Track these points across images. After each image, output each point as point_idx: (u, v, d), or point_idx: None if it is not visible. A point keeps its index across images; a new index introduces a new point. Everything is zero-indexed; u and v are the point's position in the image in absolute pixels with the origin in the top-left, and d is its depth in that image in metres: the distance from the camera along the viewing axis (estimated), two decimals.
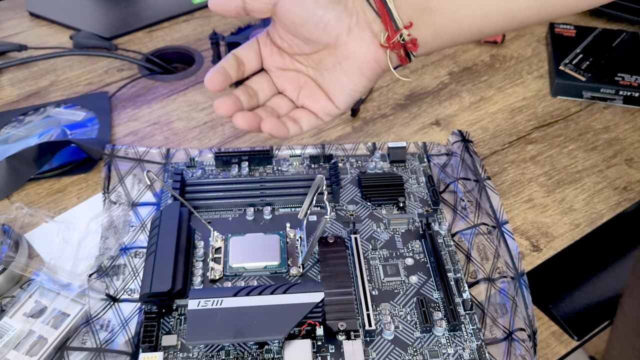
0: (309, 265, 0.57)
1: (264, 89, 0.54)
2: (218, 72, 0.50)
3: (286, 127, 0.52)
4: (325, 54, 0.51)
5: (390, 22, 0.49)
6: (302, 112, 0.54)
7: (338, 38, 0.50)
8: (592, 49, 0.81)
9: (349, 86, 0.52)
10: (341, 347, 0.50)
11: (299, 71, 0.53)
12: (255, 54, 0.53)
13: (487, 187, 0.63)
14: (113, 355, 0.50)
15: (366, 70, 0.51)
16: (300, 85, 0.53)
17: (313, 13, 0.48)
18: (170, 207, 0.58)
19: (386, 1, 0.48)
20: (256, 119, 0.51)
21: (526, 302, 0.53)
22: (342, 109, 0.53)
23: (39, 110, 0.74)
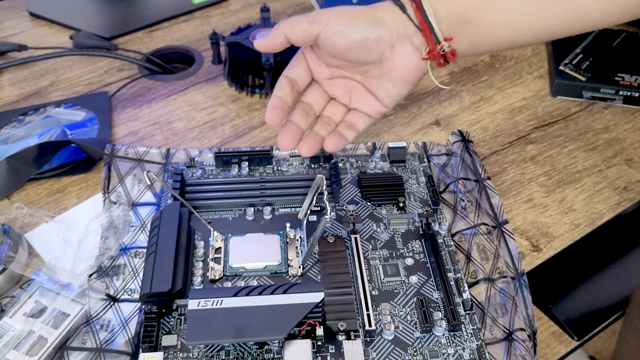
0: (309, 265, 0.57)
1: (318, 100, 0.56)
2: (276, 107, 0.52)
3: (344, 137, 0.55)
4: (371, 67, 0.53)
5: (431, 36, 0.50)
6: (356, 115, 0.56)
7: (382, 55, 0.52)
8: (592, 49, 0.81)
9: (394, 92, 0.54)
10: (341, 347, 0.50)
11: (346, 77, 0.55)
12: (305, 70, 0.55)
13: (487, 187, 0.63)
14: (113, 355, 0.50)
15: (410, 78, 0.53)
16: (349, 89, 0.55)
17: (355, 40, 0.50)
18: (170, 207, 0.58)
19: (427, 16, 0.49)
20: (317, 140, 0.54)
21: (526, 302, 0.53)
22: (390, 108, 0.56)
23: (39, 110, 0.74)
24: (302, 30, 0.50)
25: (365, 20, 0.50)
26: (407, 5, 0.50)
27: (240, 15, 0.91)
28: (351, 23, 0.49)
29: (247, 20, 0.88)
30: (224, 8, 0.93)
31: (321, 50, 0.52)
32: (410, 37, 0.51)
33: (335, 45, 0.50)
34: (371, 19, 0.50)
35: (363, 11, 0.50)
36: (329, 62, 0.54)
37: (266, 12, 0.80)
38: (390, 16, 0.50)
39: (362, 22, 0.49)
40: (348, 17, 0.49)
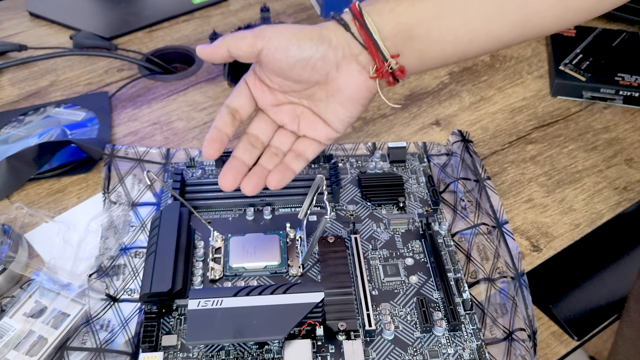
0: (309, 265, 0.57)
1: (264, 130, 0.53)
2: (214, 140, 0.49)
3: (291, 169, 0.52)
4: (317, 89, 0.51)
5: (377, 53, 0.49)
6: (305, 143, 0.53)
7: (327, 75, 0.50)
8: (592, 49, 0.81)
9: (344, 114, 0.52)
10: (341, 347, 0.50)
11: (293, 103, 0.53)
12: (247, 98, 0.52)
13: (487, 187, 0.63)
14: (113, 355, 0.50)
15: (359, 98, 0.51)
16: (297, 115, 0.53)
17: (299, 58, 0.48)
18: (170, 207, 0.58)
19: (371, 33, 0.48)
20: (262, 177, 0.51)
21: (526, 302, 0.53)
22: (341, 132, 0.54)
23: (39, 110, 0.74)
24: (246, 45, 0.48)
25: (310, 38, 0.48)
26: (351, 24, 0.49)
27: (240, 15, 0.91)
28: (295, 40, 0.48)
29: (247, 20, 0.88)
30: (224, 8, 0.93)
31: (264, 67, 0.50)
32: (356, 56, 0.49)
33: (278, 62, 0.48)
34: (316, 37, 0.48)
35: (308, 29, 0.49)
36: (273, 83, 0.51)
37: (266, 12, 0.80)
38: (335, 35, 0.49)
39: (306, 39, 0.48)
40: (292, 34, 0.48)
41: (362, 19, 0.48)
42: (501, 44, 0.50)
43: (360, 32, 0.49)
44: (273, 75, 0.51)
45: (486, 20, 0.48)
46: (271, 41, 0.48)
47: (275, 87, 0.52)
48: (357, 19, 0.48)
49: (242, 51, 0.49)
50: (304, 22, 0.90)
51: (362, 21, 0.48)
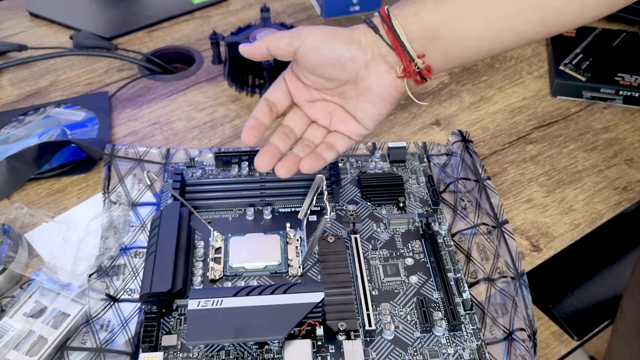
0: (309, 265, 0.57)
1: (298, 124, 0.57)
2: (252, 127, 0.53)
3: (322, 158, 0.55)
4: (348, 88, 0.55)
5: (404, 54, 0.52)
6: (336, 137, 0.57)
7: (357, 74, 0.53)
8: (592, 49, 0.81)
9: (373, 112, 0.55)
10: (341, 347, 0.50)
11: (326, 100, 0.57)
12: (284, 93, 0.56)
13: (487, 187, 0.63)
14: (113, 355, 0.50)
15: (387, 97, 0.54)
16: (329, 112, 0.57)
17: (330, 56, 0.52)
18: (170, 207, 0.58)
19: (399, 35, 0.51)
20: (295, 162, 0.55)
21: (526, 302, 0.53)
22: (371, 129, 0.57)
23: (39, 110, 0.74)
24: (284, 44, 0.52)
25: (341, 39, 0.52)
26: (379, 27, 0.52)
27: (240, 15, 0.91)
28: (328, 40, 0.51)
29: (247, 20, 0.88)
30: (224, 8, 0.93)
31: (299, 65, 0.54)
32: (384, 56, 0.52)
33: (311, 60, 0.52)
34: (346, 38, 0.52)
35: (340, 31, 0.52)
36: (307, 80, 0.55)
37: (266, 12, 0.80)
38: (365, 37, 0.52)
39: (338, 40, 0.52)
40: (325, 35, 0.52)
41: (390, 22, 0.51)
42: (524, 41, 0.52)
43: (388, 34, 0.52)
44: (307, 73, 0.54)
45: (507, 19, 0.50)
46: (306, 41, 0.51)
47: (309, 85, 0.55)
48: (385, 22, 0.52)
49: (280, 50, 0.53)
50: (304, 22, 0.90)
51: (389, 24, 0.51)
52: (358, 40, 0.52)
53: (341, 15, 0.91)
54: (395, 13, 0.52)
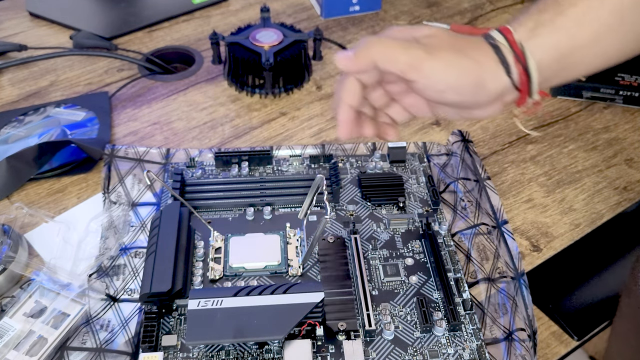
0: (309, 265, 0.57)
1: (378, 100, 0.50)
2: (349, 121, 0.47)
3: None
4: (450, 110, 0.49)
5: (527, 94, 0.46)
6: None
7: (471, 110, 0.48)
8: None
9: (454, 118, 0.51)
10: (341, 347, 0.50)
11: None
12: (377, 78, 0.49)
13: (487, 187, 0.63)
14: (113, 355, 0.50)
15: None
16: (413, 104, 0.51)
17: (452, 101, 0.46)
18: (170, 207, 0.58)
19: (532, 80, 0.45)
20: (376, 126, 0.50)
21: (526, 302, 0.53)
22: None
23: (39, 110, 0.74)
24: (397, 69, 0.44)
25: (470, 82, 0.44)
26: (513, 67, 0.44)
27: (240, 15, 0.91)
28: (455, 86, 0.44)
29: (247, 20, 0.88)
30: (224, 8, 0.93)
31: (411, 88, 0.47)
32: (504, 96, 0.46)
33: (429, 97, 0.46)
34: (475, 81, 0.44)
35: (469, 68, 0.44)
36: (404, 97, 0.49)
37: (266, 12, 0.80)
38: (493, 79, 0.44)
39: (466, 84, 0.44)
40: (454, 78, 0.44)
41: (525, 61, 0.44)
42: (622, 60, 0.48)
43: (520, 77, 0.45)
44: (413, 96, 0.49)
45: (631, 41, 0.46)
46: (428, 80, 0.45)
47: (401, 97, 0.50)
48: (520, 61, 0.44)
49: (390, 71, 0.45)
50: (303, 22, 0.90)
51: (524, 63, 0.44)
52: (486, 84, 0.44)
53: (341, 15, 0.91)
54: (531, 46, 0.44)
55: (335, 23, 0.90)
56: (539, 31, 0.44)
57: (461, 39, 0.46)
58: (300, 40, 0.77)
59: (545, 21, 0.44)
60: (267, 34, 0.77)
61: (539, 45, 0.44)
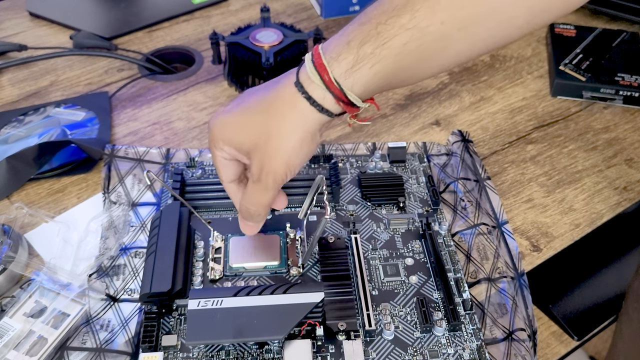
0: (309, 265, 0.57)
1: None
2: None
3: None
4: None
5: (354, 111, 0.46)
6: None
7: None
8: (592, 49, 0.81)
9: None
10: (341, 347, 0.50)
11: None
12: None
13: (487, 187, 0.63)
14: (113, 355, 0.50)
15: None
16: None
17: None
18: (170, 207, 0.58)
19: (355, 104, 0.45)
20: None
21: (526, 302, 0.53)
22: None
23: (39, 110, 0.74)
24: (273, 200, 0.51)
25: (311, 151, 0.48)
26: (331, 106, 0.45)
27: (240, 15, 0.91)
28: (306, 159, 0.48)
29: (247, 20, 0.88)
30: (224, 8, 0.93)
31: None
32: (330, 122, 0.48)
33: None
34: (314, 146, 0.48)
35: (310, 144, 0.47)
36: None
37: (266, 12, 0.80)
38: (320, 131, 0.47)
39: (310, 153, 0.48)
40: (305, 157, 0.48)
41: (345, 98, 0.44)
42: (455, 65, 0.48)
43: (343, 107, 0.45)
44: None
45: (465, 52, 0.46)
46: (291, 174, 0.49)
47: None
48: (340, 99, 0.45)
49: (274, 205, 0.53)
50: (303, 22, 0.90)
51: (345, 100, 0.45)
52: (318, 138, 0.47)
53: (341, 15, 0.91)
54: (349, 83, 0.44)
55: (335, 23, 0.90)
56: (359, 65, 0.43)
57: (269, 96, 0.47)
58: (300, 40, 0.77)
59: (365, 55, 0.43)
60: (267, 34, 0.77)
61: (360, 78, 0.44)
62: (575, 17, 0.91)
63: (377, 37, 0.43)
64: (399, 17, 0.43)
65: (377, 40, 0.43)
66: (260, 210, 0.51)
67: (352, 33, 0.44)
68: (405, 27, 0.43)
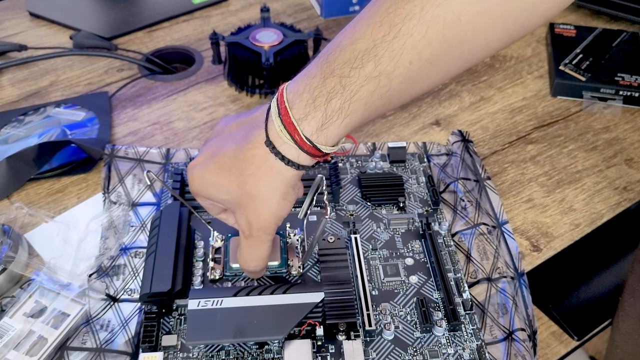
0: (309, 265, 0.57)
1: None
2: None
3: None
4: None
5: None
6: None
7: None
8: (592, 49, 0.81)
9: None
10: (341, 347, 0.50)
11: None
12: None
13: (487, 187, 0.63)
14: (113, 355, 0.50)
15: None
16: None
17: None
18: (170, 207, 0.58)
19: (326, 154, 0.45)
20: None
21: (526, 302, 0.53)
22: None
23: (39, 110, 0.74)
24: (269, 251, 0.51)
25: (293, 196, 0.48)
26: (306, 161, 0.45)
27: (240, 15, 0.91)
28: (290, 207, 0.48)
29: (247, 20, 0.88)
30: (224, 8, 0.93)
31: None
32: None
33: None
34: (295, 194, 0.48)
35: (291, 188, 0.47)
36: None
37: (266, 12, 0.80)
38: (283, 183, 0.46)
39: (292, 200, 0.48)
40: (287, 207, 0.48)
41: (319, 152, 0.44)
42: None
43: (320, 158, 0.45)
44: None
45: (432, 82, 0.45)
46: (283, 218, 0.48)
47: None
48: (314, 154, 0.44)
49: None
50: (303, 22, 0.90)
51: (319, 155, 0.44)
52: (300, 184, 0.48)
53: (341, 15, 0.91)
54: (322, 138, 0.43)
55: (335, 23, 0.90)
56: (329, 122, 0.43)
57: (240, 156, 0.46)
58: (300, 40, 0.77)
59: (334, 111, 0.42)
60: (267, 34, 0.77)
61: (331, 132, 0.43)
62: (575, 17, 0.91)
63: (344, 91, 0.42)
64: (362, 68, 0.41)
65: (344, 94, 0.42)
66: (260, 263, 0.51)
67: (317, 89, 0.42)
68: (370, 76, 0.41)
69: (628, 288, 0.56)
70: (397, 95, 0.44)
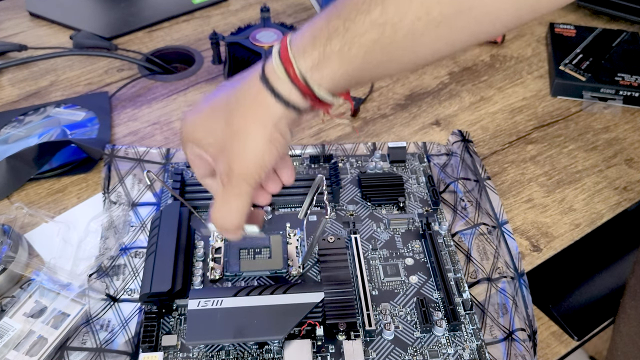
0: (309, 265, 0.57)
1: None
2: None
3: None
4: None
5: (326, 107, 0.44)
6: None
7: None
8: (592, 49, 0.81)
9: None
10: (341, 347, 0.50)
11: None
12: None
13: (487, 187, 0.63)
14: (113, 355, 0.50)
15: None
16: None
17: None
18: (170, 207, 0.58)
19: (325, 99, 0.43)
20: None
21: (526, 302, 0.53)
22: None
23: (39, 110, 0.74)
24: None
25: (284, 148, 0.45)
26: (299, 103, 0.42)
27: (240, 15, 0.91)
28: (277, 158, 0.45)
29: (247, 20, 0.88)
30: (224, 8, 0.93)
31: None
32: (301, 118, 0.45)
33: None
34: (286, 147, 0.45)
35: (282, 143, 0.44)
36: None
37: (266, 12, 0.80)
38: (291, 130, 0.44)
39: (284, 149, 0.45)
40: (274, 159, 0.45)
41: (312, 92, 0.42)
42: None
43: (313, 104, 0.43)
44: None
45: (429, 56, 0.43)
46: (268, 169, 0.46)
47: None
48: (307, 94, 0.42)
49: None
50: (303, 22, 0.90)
51: (312, 95, 0.42)
52: (289, 136, 0.44)
53: None
54: (317, 78, 0.41)
55: None
56: (326, 63, 0.41)
57: (235, 92, 0.44)
58: None
59: (332, 52, 0.41)
60: (267, 34, 0.77)
61: (327, 74, 0.41)
62: (575, 17, 0.91)
63: (345, 33, 0.40)
64: (369, 13, 0.40)
65: (345, 36, 0.40)
66: (236, 221, 0.45)
67: (320, 28, 0.41)
68: (376, 22, 0.40)
69: (629, 290, 0.56)
70: (400, 53, 0.42)
